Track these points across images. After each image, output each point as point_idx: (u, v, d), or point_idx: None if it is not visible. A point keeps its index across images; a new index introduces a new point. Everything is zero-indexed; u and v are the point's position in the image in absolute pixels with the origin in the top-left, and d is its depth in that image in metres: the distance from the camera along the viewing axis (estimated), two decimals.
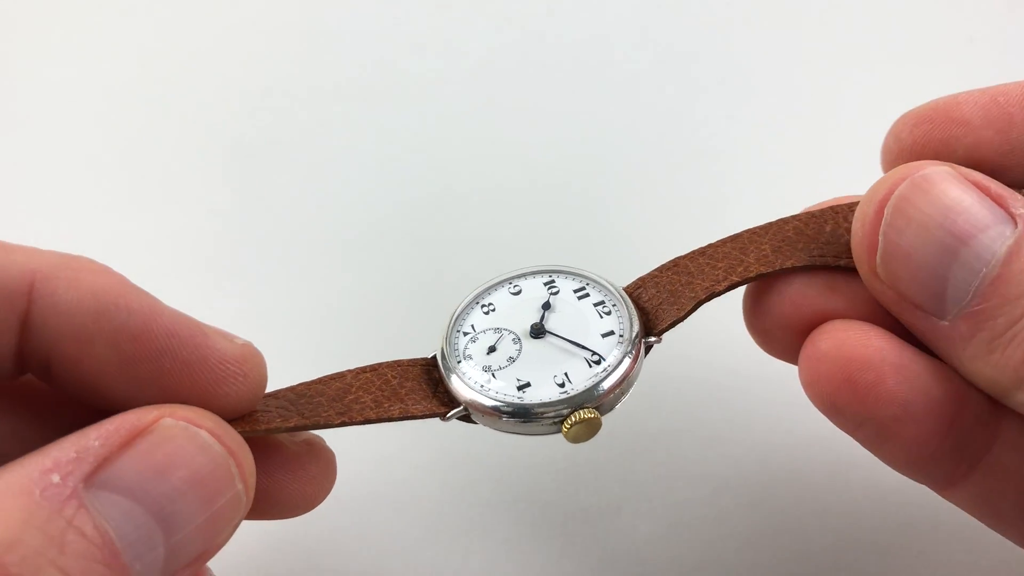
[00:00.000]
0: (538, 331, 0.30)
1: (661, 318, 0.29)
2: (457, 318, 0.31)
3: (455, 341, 0.30)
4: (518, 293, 0.31)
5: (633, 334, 0.29)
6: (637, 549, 0.34)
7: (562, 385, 0.28)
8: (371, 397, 0.28)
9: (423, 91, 0.53)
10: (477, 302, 0.31)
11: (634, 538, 0.35)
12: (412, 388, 0.29)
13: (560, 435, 0.28)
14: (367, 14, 0.57)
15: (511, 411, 0.28)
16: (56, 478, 0.20)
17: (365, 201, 0.48)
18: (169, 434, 0.22)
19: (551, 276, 0.31)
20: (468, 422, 0.29)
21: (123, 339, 0.24)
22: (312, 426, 0.26)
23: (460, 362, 0.29)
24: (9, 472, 0.20)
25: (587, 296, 0.30)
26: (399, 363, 0.30)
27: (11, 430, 0.26)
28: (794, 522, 0.35)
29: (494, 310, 0.31)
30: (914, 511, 0.34)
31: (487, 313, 0.31)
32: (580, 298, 0.30)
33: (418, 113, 0.52)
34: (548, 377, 0.28)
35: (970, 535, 0.29)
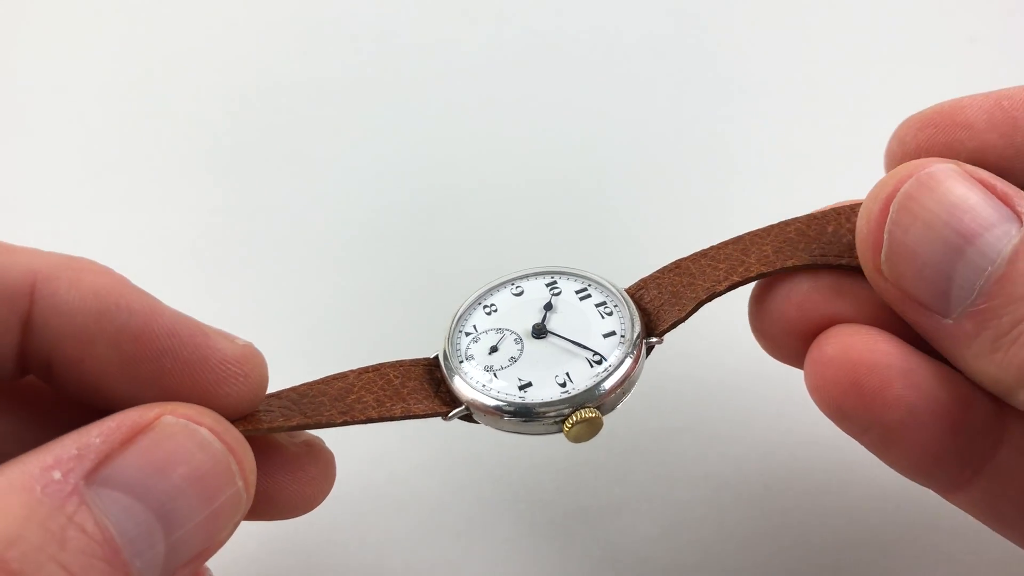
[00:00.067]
0: (540, 331, 0.30)
1: (662, 319, 0.29)
2: (459, 318, 0.31)
3: (457, 341, 0.30)
4: (520, 294, 0.31)
5: (634, 335, 0.29)
6: (637, 549, 0.34)
7: (563, 385, 0.28)
8: (373, 397, 0.28)
9: (426, 89, 0.53)
10: (479, 303, 0.31)
11: (634, 538, 0.34)
12: (414, 388, 0.29)
13: (561, 435, 0.28)
14: (368, 11, 0.57)
15: (512, 410, 0.28)
16: (57, 475, 0.20)
17: (366, 201, 0.48)
18: (169, 431, 0.22)
19: (553, 277, 0.31)
20: (470, 422, 0.29)
21: (124, 339, 0.24)
22: (314, 425, 0.26)
23: (462, 362, 0.29)
24: (11, 469, 0.20)
25: (589, 297, 0.31)
26: (401, 363, 0.30)
27: (13, 431, 0.26)
28: (794, 522, 0.34)
29: (496, 310, 0.31)
30: (915, 511, 0.33)
31: (489, 314, 0.31)
32: (582, 299, 0.31)
33: (422, 112, 0.52)
34: (550, 377, 0.28)
35: (970, 535, 0.28)
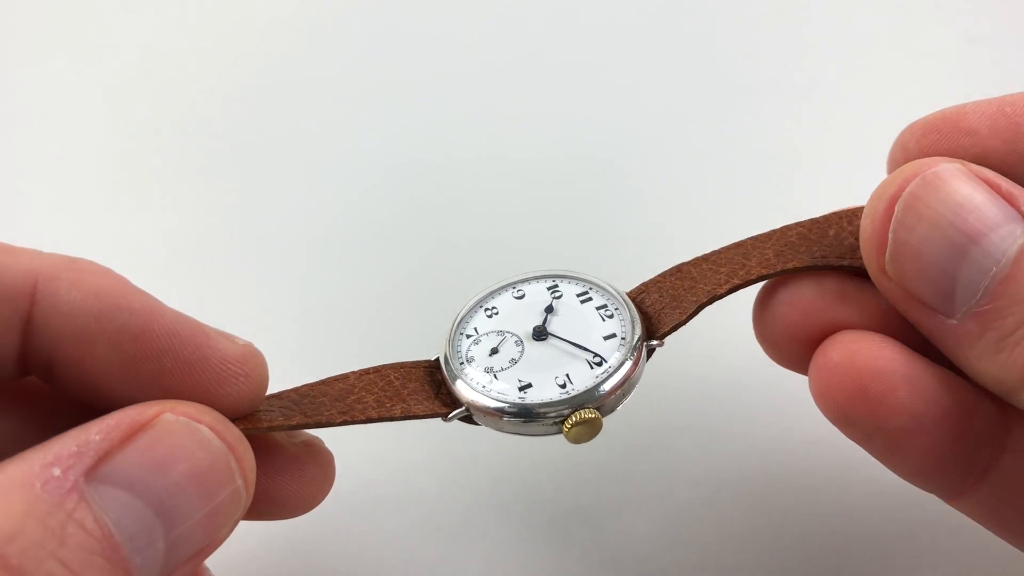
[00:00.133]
0: (540, 333, 0.30)
1: (663, 322, 0.29)
2: (460, 321, 0.31)
3: (458, 343, 0.30)
4: (521, 297, 0.31)
5: (635, 337, 0.29)
6: (637, 549, 0.34)
7: (563, 386, 0.28)
8: (373, 397, 0.28)
9: (429, 92, 0.53)
10: (481, 305, 0.31)
11: (634, 538, 0.34)
12: (414, 389, 0.29)
13: (561, 436, 0.28)
14: (371, 11, 0.57)
15: (512, 411, 0.28)
16: (57, 471, 0.20)
17: (368, 203, 0.48)
18: (169, 429, 0.22)
19: (555, 281, 0.31)
20: (470, 423, 0.29)
21: (125, 339, 0.24)
22: (314, 424, 0.26)
23: (462, 364, 0.29)
24: (11, 465, 0.20)
25: (590, 300, 0.31)
26: (402, 365, 0.30)
27: (13, 431, 0.26)
28: (794, 522, 0.34)
29: (497, 313, 0.31)
30: (915, 511, 0.33)
31: (490, 316, 0.31)
32: (583, 302, 0.31)
33: (427, 114, 0.52)
34: (550, 378, 0.28)
35: (971, 535, 0.28)
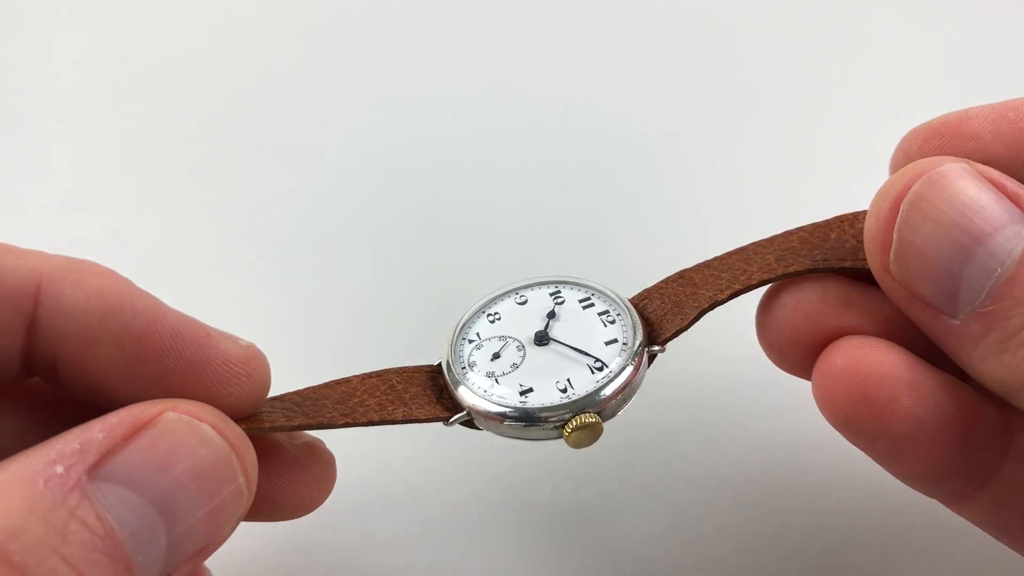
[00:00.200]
0: (542, 338, 0.30)
1: (665, 328, 0.29)
2: (463, 327, 0.31)
3: (460, 348, 0.30)
4: (524, 303, 0.31)
5: (637, 342, 0.29)
6: (637, 549, 0.34)
7: (564, 390, 0.28)
8: (375, 401, 0.28)
9: (431, 95, 0.53)
10: (483, 311, 0.31)
11: (634, 538, 0.35)
12: (416, 393, 0.29)
13: (562, 440, 0.28)
14: (374, 10, 0.58)
15: (513, 416, 0.28)
16: (60, 469, 0.20)
17: (370, 207, 0.48)
18: (171, 427, 0.22)
19: (557, 287, 0.32)
20: (471, 427, 0.29)
21: (128, 339, 0.24)
22: (316, 426, 0.27)
23: (464, 368, 0.29)
24: (14, 463, 0.21)
25: (592, 306, 0.31)
26: (404, 369, 0.30)
27: (17, 432, 0.27)
28: (794, 522, 0.34)
29: (499, 319, 0.31)
30: (915, 511, 0.33)
31: (493, 322, 0.31)
32: (585, 307, 0.31)
33: (430, 118, 0.52)
34: (551, 383, 0.28)
35: (970, 535, 0.28)
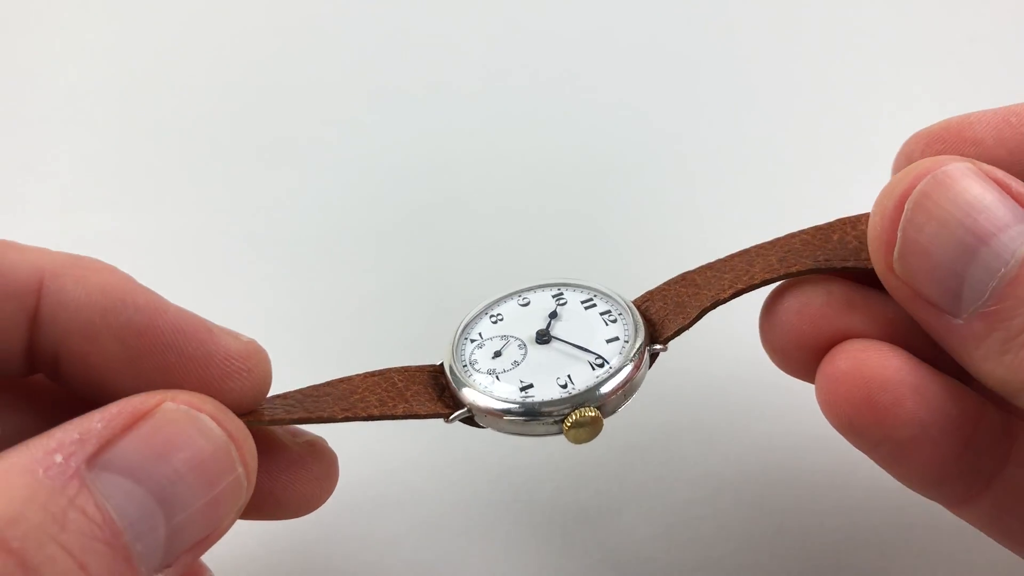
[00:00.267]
0: (543, 337, 0.30)
1: (667, 327, 0.29)
2: (465, 327, 0.31)
3: (462, 348, 0.30)
4: (526, 304, 0.31)
5: (638, 340, 0.29)
6: (637, 548, 0.34)
7: (564, 386, 0.28)
8: (376, 397, 0.28)
9: (435, 96, 0.53)
10: (486, 312, 0.31)
11: (634, 537, 0.34)
12: (417, 391, 0.29)
13: (562, 436, 0.28)
14: (377, 10, 0.58)
15: (513, 410, 0.28)
16: (59, 458, 0.20)
17: (371, 208, 0.48)
18: (170, 417, 0.22)
19: (560, 289, 0.32)
20: (471, 425, 0.29)
21: (129, 334, 0.25)
22: (316, 420, 0.27)
23: (466, 367, 0.29)
24: (15, 453, 0.21)
25: (594, 306, 0.31)
26: (407, 369, 0.30)
27: (20, 429, 0.27)
28: (794, 522, 0.34)
29: (502, 319, 0.31)
30: (915, 511, 0.33)
31: (495, 322, 0.31)
32: (587, 308, 0.31)
33: (436, 119, 0.52)
34: (551, 379, 0.29)
35: (970, 535, 0.28)
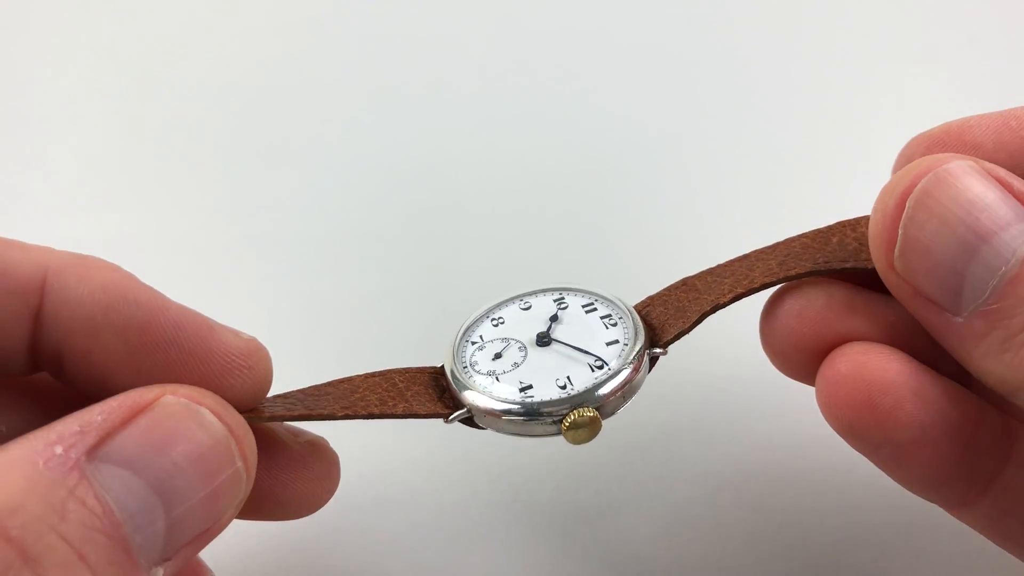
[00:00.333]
0: (544, 339, 0.30)
1: (667, 331, 0.30)
2: (467, 330, 0.31)
3: (463, 350, 0.30)
4: (528, 308, 0.31)
5: (638, 343, 0.29)
6: (637, 549, 0.34)
7: (564, 387, 0.28)
8: (377, 396, 0.28)
9: (436, 99, 0.54)
10: (487, 316, 0.32)
11: (634, 538, 0.34)
12: (418, 392, 0.29)
13: (561, 437, 0.28)
14: (378, 10, 0.58)
15: (512, 411, 0.28)
16: (59, 450, 0.21)
17: (372, 210, 0.48)
18: (170, 410, 0.23)
19: (561, 294, 0.32)
20: (471, 426, 0.29)
21: (131, 331, 0.25)
22: (316, 417, 0.27)
23: (466, 368, 0.30)
24: (16, 445, 0.21)
25: (595, 310, 0.31)
26: (408, 370, 0.30)
27: (24, 427, 0.27)
28: (794, 522, 0.34)
29: (503, 323, 0.31)
30: (915, 511, 0.33)
31: (496, 326, 0.31)
32: (588, 312, 0.31)
33: (437, 121, 0.52)
34: (551, 380, 0.29)
35: (970, 535, 0.28)
